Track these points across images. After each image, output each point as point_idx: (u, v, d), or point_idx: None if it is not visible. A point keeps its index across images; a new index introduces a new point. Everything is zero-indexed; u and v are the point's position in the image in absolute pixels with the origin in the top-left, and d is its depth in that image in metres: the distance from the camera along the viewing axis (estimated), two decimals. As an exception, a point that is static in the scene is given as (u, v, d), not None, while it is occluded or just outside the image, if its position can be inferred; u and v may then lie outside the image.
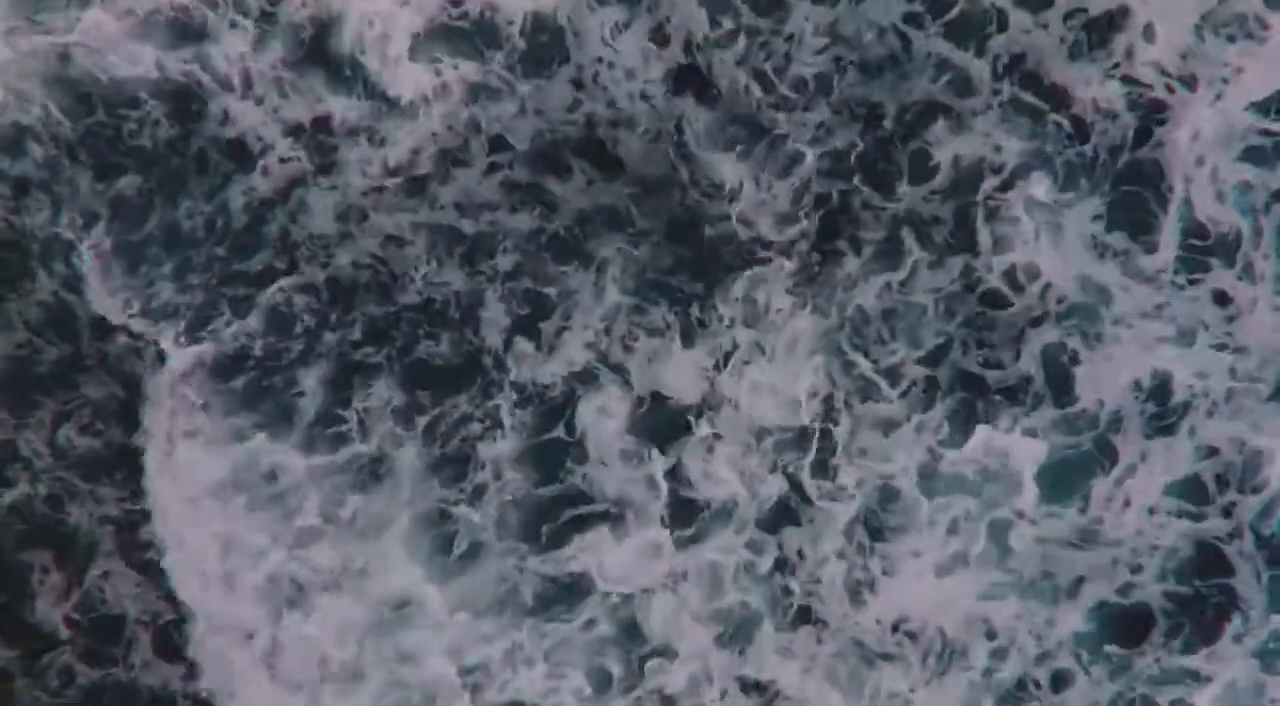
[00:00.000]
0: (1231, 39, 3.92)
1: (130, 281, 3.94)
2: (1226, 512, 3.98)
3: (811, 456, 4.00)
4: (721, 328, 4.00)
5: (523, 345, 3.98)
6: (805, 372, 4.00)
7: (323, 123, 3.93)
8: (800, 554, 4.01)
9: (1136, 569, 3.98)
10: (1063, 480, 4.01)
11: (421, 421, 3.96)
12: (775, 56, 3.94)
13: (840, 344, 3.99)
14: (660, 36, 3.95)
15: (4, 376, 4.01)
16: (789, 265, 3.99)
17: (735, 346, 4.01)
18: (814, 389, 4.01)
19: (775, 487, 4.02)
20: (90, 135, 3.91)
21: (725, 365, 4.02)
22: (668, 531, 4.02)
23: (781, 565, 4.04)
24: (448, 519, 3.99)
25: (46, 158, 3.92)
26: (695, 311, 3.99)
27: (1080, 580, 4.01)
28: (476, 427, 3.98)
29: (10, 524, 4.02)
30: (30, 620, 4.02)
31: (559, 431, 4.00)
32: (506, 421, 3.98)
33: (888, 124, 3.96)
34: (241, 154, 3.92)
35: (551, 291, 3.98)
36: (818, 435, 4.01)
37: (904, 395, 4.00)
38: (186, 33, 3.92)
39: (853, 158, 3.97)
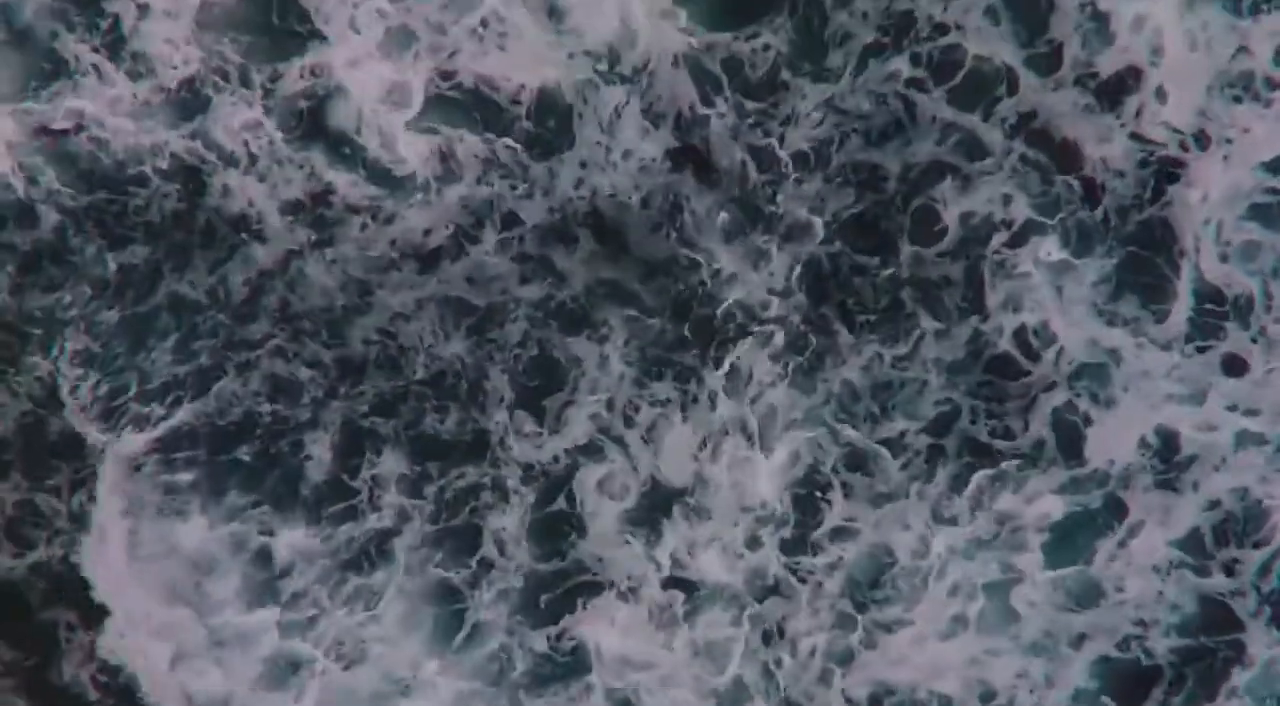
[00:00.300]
0: (1238, 99, 3.88)
1: (132, 359, 3.98)
2: (1229, 569, 4.02)
3: (801, 530, 4.03)
4: (712, 402, 4.02)
5: (528, 423, 4.01)
6: (797, 446, 4.02)
7: (325, 198, 3.92)
8: (788, 629, 4.06)
9: (1139, 624, 4.03)
10: (1069, 540, 4.05)
11: (429, 493, 4.01)
12: (772, 134, 3.91)
13: (830, 417, 4.00)
14: (655, 115, 3.93)
15: (17, 440, 4.06)
16: (780, 339, 3.99)
17: (725, 422, 4.03)
18: (804, 462, 4.03)
19: (765, 563, 4.05)
20: (97, 209, 3.91)
21: (716, 440, 4.04)
22: (662, 609, 4.07)
23: (769, 638, 4.09)
24: (452, 595, 4.04)
25: (55, 230, 3.94)
26: (693, 386, 4.02)
27: (1082, 637, 4.07)
28: (482, 500, 4.02)
29: (34, 583, 4.09)
30: (58, 682, 4.11)
31: (561, 504, 4.04)
32: (511, 494, 4.03)
33: (890, 185, 3.93)
34: (245, 228, 3.92)
35: (558, 360, 4.00)
36: (807, 509, 4.03)
37: (905, 466, 4.01)
38: (188, 109, 3.90)
39: (852, 222, 3.96)
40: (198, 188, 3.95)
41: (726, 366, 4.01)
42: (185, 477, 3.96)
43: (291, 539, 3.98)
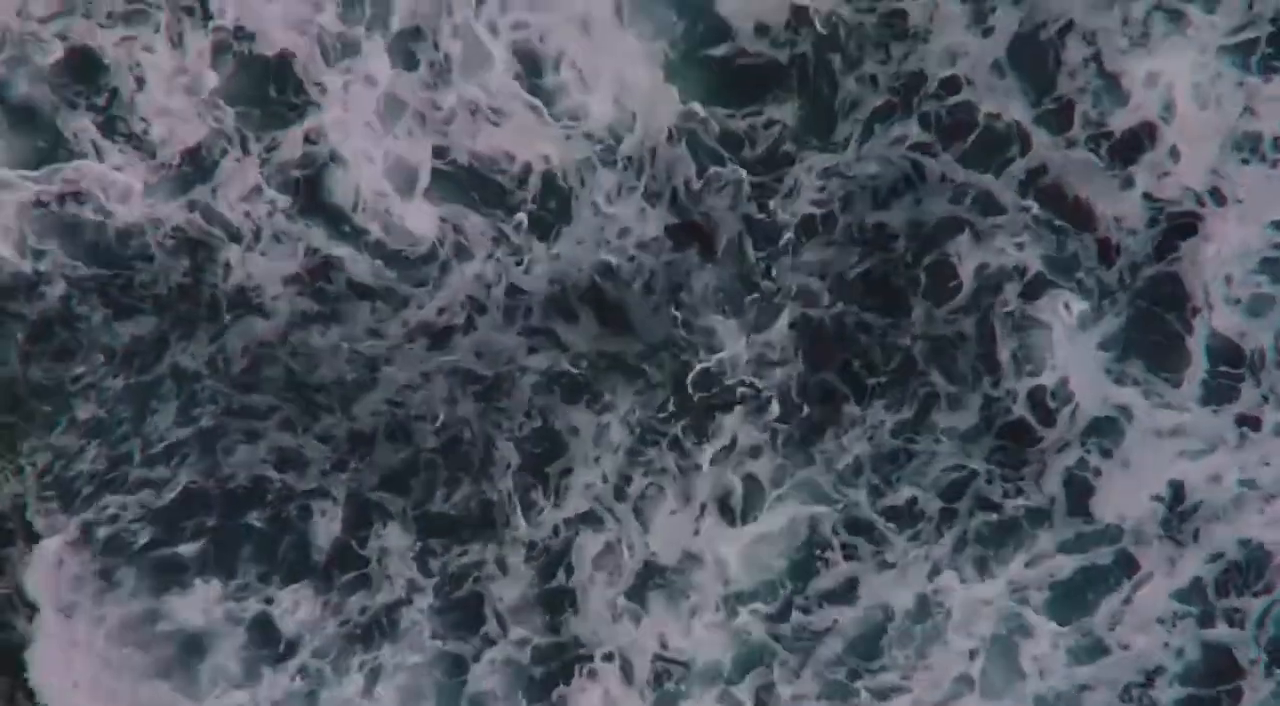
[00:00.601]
0: (1246, 160, 3.84)
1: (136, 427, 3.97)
2: (1231, 618, 4.00)
3: (795, 596, 4.01)
4: (701, 475, 4.01)
5: (532, 493, 4.00)
6: (793, 515, 4.00)
7: (326, 274, 3.90)
8: (779, 701, 4.05)
9: (1144, 672, 4.02)
10: (1077, 596, 4.03)
11: (434, 566, 4.00)
12: (773, 206, 3.88)
13: (830, 488, 3.98)
14: (653, 194, 3.91)
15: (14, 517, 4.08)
16: (775, 409, 3.97)
17: (713, 494, 4.02)
18: (802, 529, 4.01)
19: (755, 635, 4.04)
20: (102, 282, 3.88)
21: (704, 514, 4.02)
22: (653, 684, 4.06)
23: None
24: (455, 667, 4.03)
25: (62, 301, 3.91)
26: (685, 459, 4.00)
27: (1083, 687, 4.05)
28: (485, 573, 4.01)
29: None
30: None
31: (560, 578, 4.03)
32: (513, 569, 4.02)
33: (900, 243, 3.90)
34: (246, 301, 3.89)
35: (559, 430, 3.99)
36: (802, 573, 4.02)
37: (914, 535, 3.99)
38: (188, 181, 3.87)
39: (859, 281, 3.93)
40: (201, 260, 3.92)
41: (716, 438, 4.00)
42: (191, 548, 3.95)
43: (299, 610, 3.97)
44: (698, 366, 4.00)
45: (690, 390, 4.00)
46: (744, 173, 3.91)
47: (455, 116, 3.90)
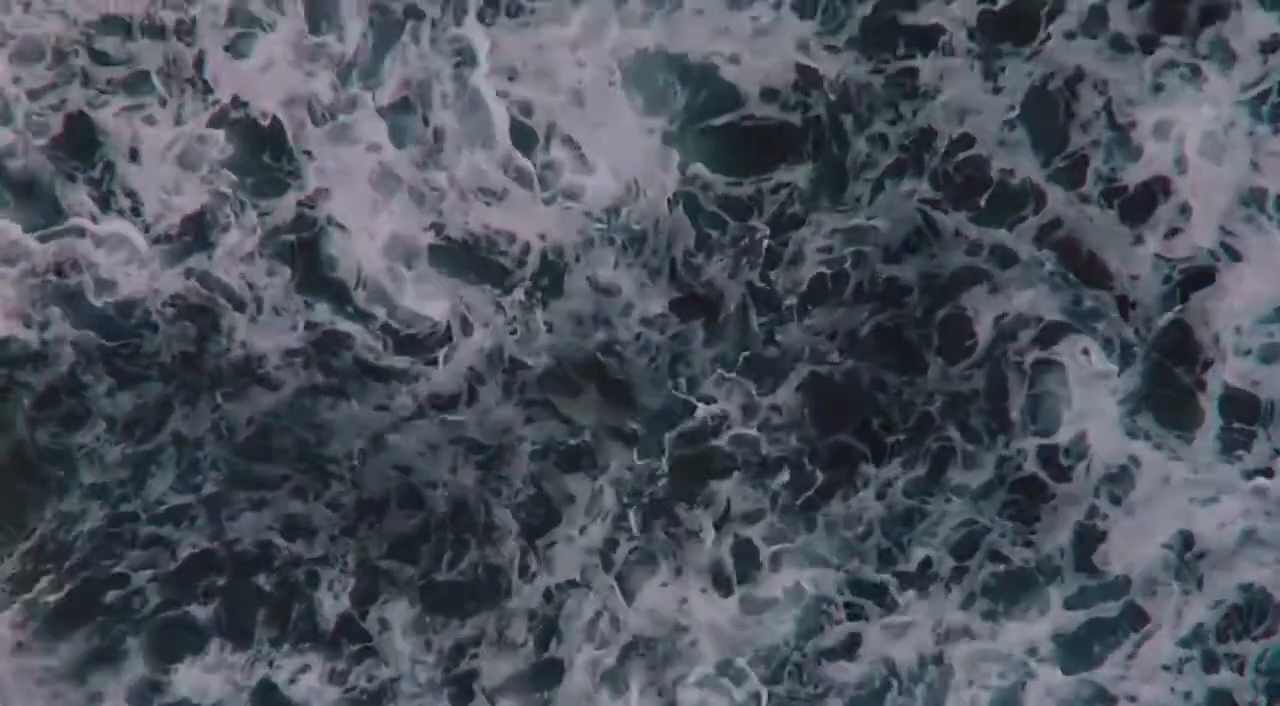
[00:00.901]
0: (1251, 219, 3.78)
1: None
2: (1233, 663, 3.98)
3: (793, 657, 3.97)
4: (698, 542, 3.96)
5: (527, 560, 3.96)
6: (794, 584, 3.95)
7: (331, 348, 3.85)
8: None
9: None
10: (1085, 649, 4.02)
11: (436, 643, 3.97)
12: (779, 272, 3.82)
13: (836, 556, 3.94)
14: (654, 270, 3.83)
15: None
16: (785, 476, 3.92)
17: (707, 566, 3.96)
18: (803, 600, 3.97)
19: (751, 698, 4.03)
20: (106, 352, 3.83)
21: (696, 586, 3.97)
22: None
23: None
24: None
25: (69, 369, 3.85)
26: (679, 528, 3.95)
27: (1089, 739, 4.20)
28: (482, 647, 3.97)
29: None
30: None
31: (553, 649, 3.99)
32: (507, 643, 3.98)
33: (913, 297, 3.84)
34: (250, 371, 3.85)
35: (554, 497, 3.93)
36: (803, 637, 3.98)
37: (921, 594, 3.96)
38: (186, 249, 3.80)
39: (872, 336, 3.87)
40: (204, 329, 3.86)
41: (710, 506, 3.94)
42: (202, 612, 3.92)
43: (305, 677, 3.94)
44: (687, 428, 3.95)
45: (682, 456, 3.94)
46: (748, 239, 3.83)
47: (449, 193, 3.81)
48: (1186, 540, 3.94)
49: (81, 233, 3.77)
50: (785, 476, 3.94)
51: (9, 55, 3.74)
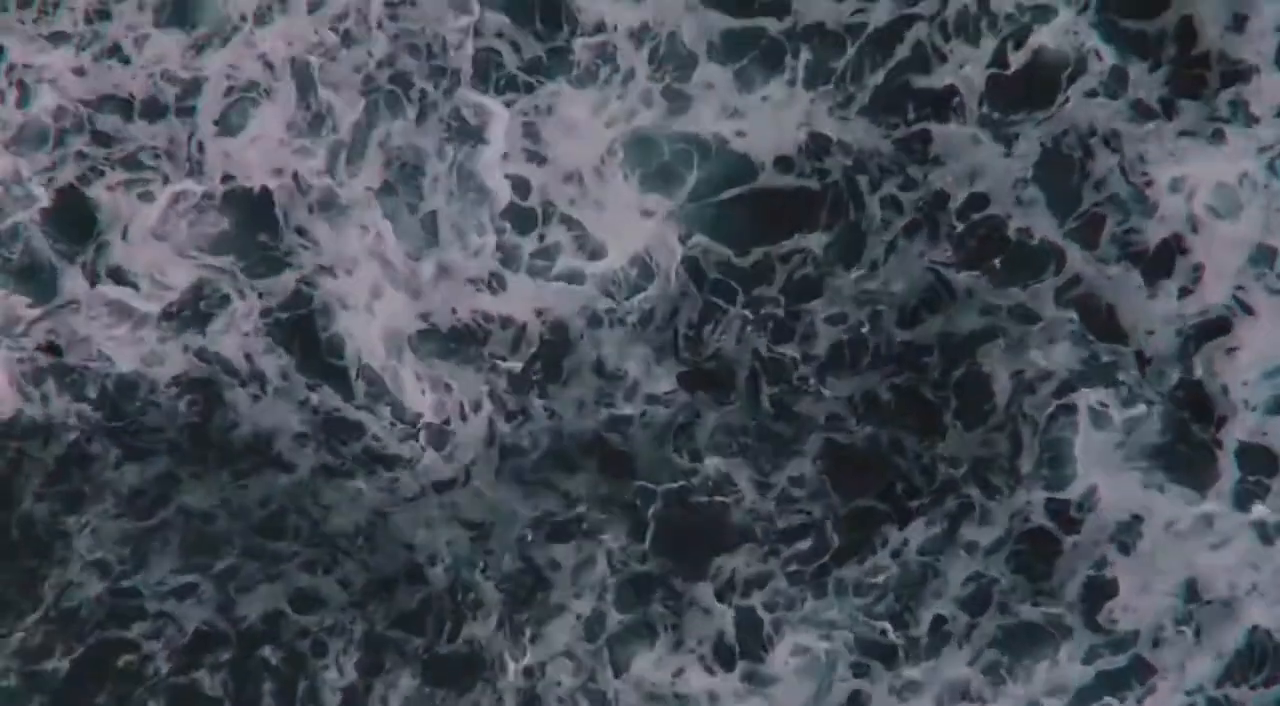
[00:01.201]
0: (1261, 276, 3.73)
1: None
2: None
3: None
4: (697, 612, 3.92)
5: (516, 634, 3.92)
6: (802, 652, 3.93)
7: (338, 431, 3.82)
8: None
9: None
10: (1092, 702, 4.01)
11: (432, 718, 4.06)
12: (792, 343, 3.77)
13: (847, 620, 3.91)
14: (660, 347, 3.77)
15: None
16: (801, 545, 3.88)
17: (710, 640, 3.93)
18: (812, 669, 3.94)
19: None
20: (108, 430, 3.81)
21: (703, 655, 3.94)
22: None
23: None
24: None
25: (75, 444, 3.83)
26: (678, 598, 3.91)
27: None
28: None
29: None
30: None
31: None
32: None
33: (932, 358, 3.78)
34: (259, 450, 3.83)
35: (542, 566, 3.90)
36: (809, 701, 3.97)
37: (933, 652, 3.94)
38: (186, 327, 3.78)
39: (891, 398, 3.83)
40: (210, 404, 3.83)
41: (714, 577, 3.91)
42: (211, 681, 3.92)
43: (315, 752, 4.08)
44: (693, 500, 3.90)
45: (686, 529, 3.91)
46: (759, 310, 3.79)
47: (445, 277, 3.76)
48: (1192, 587, 3.93)
49: (78, 308, 3.73)
50: (804, 544, 3.91)
51: (9, 141, 3.72)
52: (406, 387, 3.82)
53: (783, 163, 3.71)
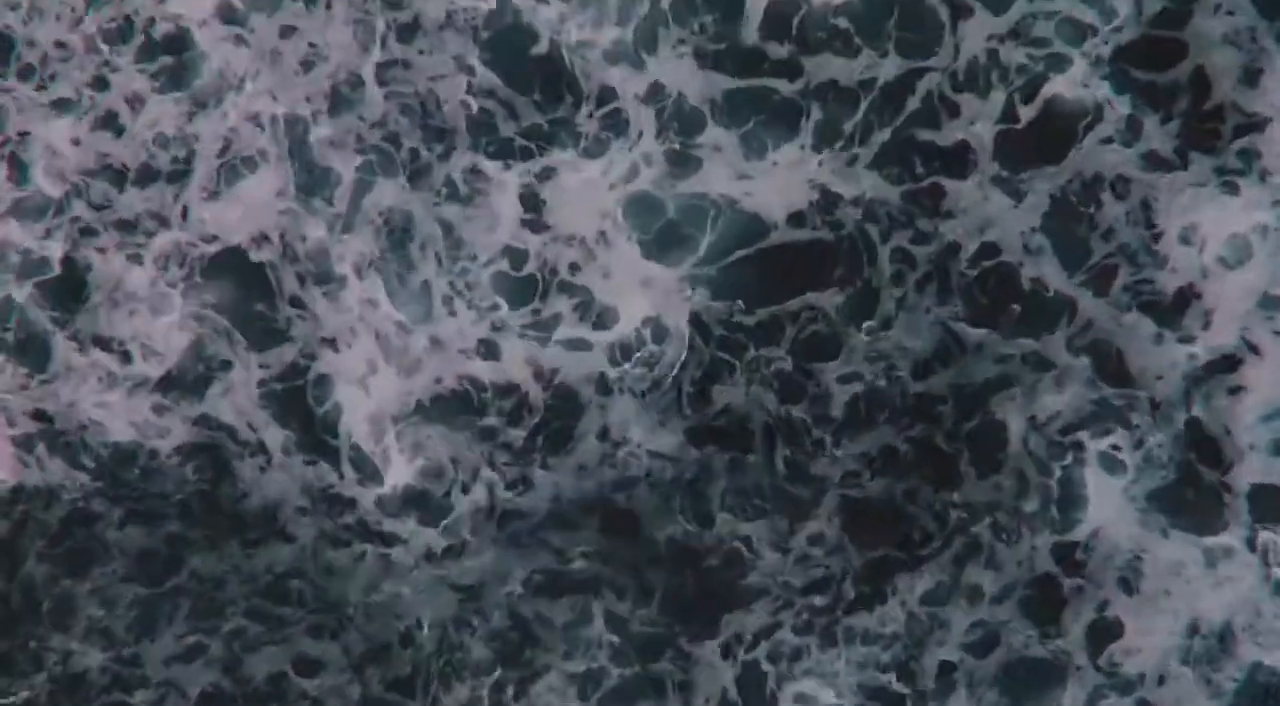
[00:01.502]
0: (1270, 320, 3.72)
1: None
2: None
3: None
4: (701, 666, 3.89)
5: (512, 693, 3.87)
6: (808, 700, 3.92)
7: (338, 506, 3.78)
8: None
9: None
10: (1098, 741, 4.21)
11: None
12: (805, 401, 3.74)
13: (854, 672, 3.88)
14: (665, 409, 3.73)
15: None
16: (816, 600, 3.85)
17: (718, 689, 3.90)
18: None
19: None
20: (110, 496, 3.76)
21: None
22: None
23: None
24: None
25: (78, 507, 3.77)
26: (685, 658, 3.88)
27: None
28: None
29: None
30: None
31: None
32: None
33: (946, 409, 3.75)
34: (266, 519, 3.78)
35: (530, 621, 3.86)
36: None
37: (939, 698, 3.94)
38: (184, 394, 3.72)
39: (904, 454, 3.80)
40: (216, 471, 3.78)
41: (722, 633, 3.86)
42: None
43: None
44: (705, 564, 3.85)
45: (702, 590, 3.87)
46: (769, 368, 3.74)
47: (441, 349, 3.71)
48: (1197, 626, 3.93)
49: (74, 375, 3.67)
50: (820, 599, 3.89)
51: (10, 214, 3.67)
52: (400, 464, 3.78)
53: (796, 219, 3.66)
